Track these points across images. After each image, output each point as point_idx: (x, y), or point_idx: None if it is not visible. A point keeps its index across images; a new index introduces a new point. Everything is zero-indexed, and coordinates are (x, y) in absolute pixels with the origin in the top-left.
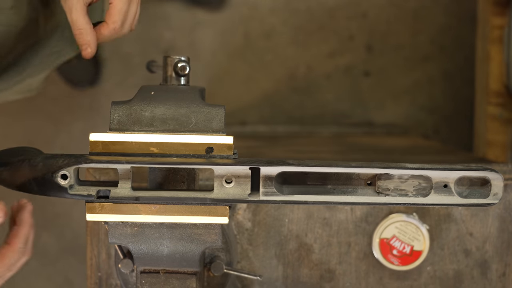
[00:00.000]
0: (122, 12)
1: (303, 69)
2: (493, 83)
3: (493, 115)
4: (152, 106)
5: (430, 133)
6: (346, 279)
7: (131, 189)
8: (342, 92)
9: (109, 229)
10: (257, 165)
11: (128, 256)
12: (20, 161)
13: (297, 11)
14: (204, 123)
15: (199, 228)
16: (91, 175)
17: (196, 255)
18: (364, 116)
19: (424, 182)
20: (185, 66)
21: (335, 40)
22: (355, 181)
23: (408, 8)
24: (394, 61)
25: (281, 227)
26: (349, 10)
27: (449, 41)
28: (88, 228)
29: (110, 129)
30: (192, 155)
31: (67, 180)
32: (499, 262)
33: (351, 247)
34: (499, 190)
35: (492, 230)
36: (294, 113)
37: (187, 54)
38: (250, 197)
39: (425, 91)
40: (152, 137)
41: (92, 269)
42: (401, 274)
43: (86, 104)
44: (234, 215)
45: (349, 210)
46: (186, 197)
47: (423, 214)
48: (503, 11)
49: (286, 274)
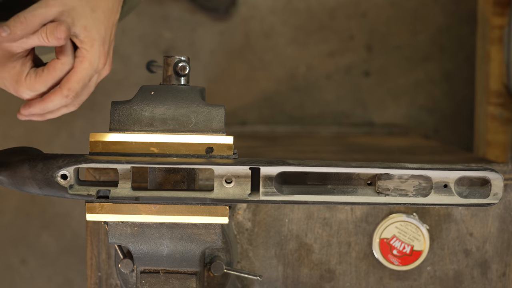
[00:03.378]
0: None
1: (303, 69)
2: (493, 83)
3: (493, 115)
4: (152, 106)
5: (430, 133)
6: (346, 279)
7: (131, 189)
8: (342, 92)
9: (109, 229)
10: (257, 165)
11: (128, 256)
12: (20, 161)
13: (297, 11)
14: (204, 123)
15: (199, 228)
16: (91, 175)
17: (196, 255)
18: (364, 116)
19: (424, 182)
20: (185, 66)
21: (335, 40)
22: (355, 181)
23: (408, 8)
24: (394, 61)
25: (281, 227)
26: (349, 10)
27: (449, 41)
28: (88, 228)
29: (110, 129)
30: (192, 155)
31: (67, 180)
32: (499, 262)
33: (351, 247)
34: (499, 190)
35: (492, 230)
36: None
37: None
38: (250, 197)
39: (425, 91)
40: (152, 137)
41: (92, 269)
42: (401, 274)
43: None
44: (234, 215)
45: (349, 210)
46: (186, 197)
47: (423, 214)
48: (503, 11)
49: (286, 274)
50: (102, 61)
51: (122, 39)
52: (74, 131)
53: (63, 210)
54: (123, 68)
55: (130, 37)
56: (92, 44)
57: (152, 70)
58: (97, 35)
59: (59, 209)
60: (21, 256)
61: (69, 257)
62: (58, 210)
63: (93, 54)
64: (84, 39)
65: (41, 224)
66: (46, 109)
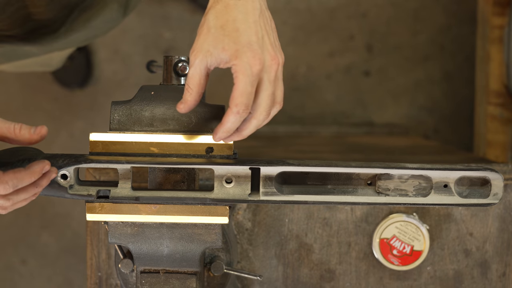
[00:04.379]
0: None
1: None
2: (493, 83)
3: (493, 115)
4: (152, 106)
5: (430, 133)
6: (346, 279)
7: (131, 189)
8: (342, 92)
9: (109, 229)
10: (257, 165)
11: (128, 256)
12: (20, 161)
13: (297, 11)
14: (204, 123)
15: (199, 228)
16: (91, 175)
17: (196, 255)
18: (364, 116)
19: (424, 182)
20: (185, 66)
21: (335, 40)
22: (355, 181)
23: (408, 8)
24: (394, 61)
25: (281, 227)
26: (349, 10)
27: (449, 41)
28: (88, 228)
29: (110, 129)
30: (192, 155)
31: (67, 180)
32: (499, 262)
33: (351, 247)
34: (499, 190)
35: (492, 230)
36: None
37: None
38: (250, 197)
39: (425, 91)
40: (152, 137)
41: (92, 269)
42: (401, 274)
43: (86, 103)
44: (234, 215)
45: (349, 210)
46: (186, 197)
47: (423, 214)
48: (503, 11)
49: (286, 274)
50: (256, 63)
51: (123, 39)
52: (74, 131)
53: (63, 210)
54: (123, 68)
55: (131, 37)
56: (237, 56)
57: (152, 70)
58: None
59: (59, 209)
60: (21, 256)
61: (69, 257)
62: (58, 210)
63: (243, 64)
64: (227, 58)
65: (41, 224)
66: (228, 129)
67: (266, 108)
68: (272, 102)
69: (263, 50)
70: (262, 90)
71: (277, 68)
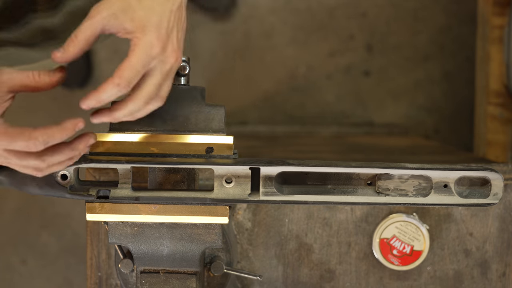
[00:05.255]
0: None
1: (303, 69)
2: (493, 83)
3: (493, 115)
4: None
5: (430, 133)
6: (346, 279)
7: (131, 189)
8: (342, 92)
9: (109, 229)
10: (257, 165)
11: (128, 256)
12: None
13: (297, 11)
14: (204, 123)
15: (199, 228)
16: (91, 175)
17: (196, 255)
18: (364, 116)
19: (424, 182)
20: (185, 66)
21: (335, 39)
22: (355, 181)
23: (408, 8)
24: (394, 61)
25: (281, 227)
26: (349, 10)
27: (449, 41)
28: (88, 228)
29: (110, 129)
30: (192, 155)
31: (67, 180)
32: (499, 262)
33: (351, 247)
34: (499, 190)
35: (492, 230)
36: (294, 113)
37: (187, 54)
38: (250, 197)
39: (425, 91)
40: (152, 137)
41: (92, 269)
42: (401, 274)
43: None
44: (234, 215)
45: (349, 210)
46: (186, 197)
47: (423, 214)
48: (503, 11)
49: (286, 274)
50: (158, 46)
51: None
52: None
53: (63, 210)
54: None
55: None
56: (143, 30)
57: None
58: (148, 22)
59: (59, 209)
60: (21, 256)
61: (69, 257)
62: (58, 210)
63: (145, 40)
64: (132, 28)
65: (41, 224)
66: (101, 99)
67: (147, 96)
68: (155, 94)
69: (168, 39)
70: (151, 76)
71: (173, 64)
